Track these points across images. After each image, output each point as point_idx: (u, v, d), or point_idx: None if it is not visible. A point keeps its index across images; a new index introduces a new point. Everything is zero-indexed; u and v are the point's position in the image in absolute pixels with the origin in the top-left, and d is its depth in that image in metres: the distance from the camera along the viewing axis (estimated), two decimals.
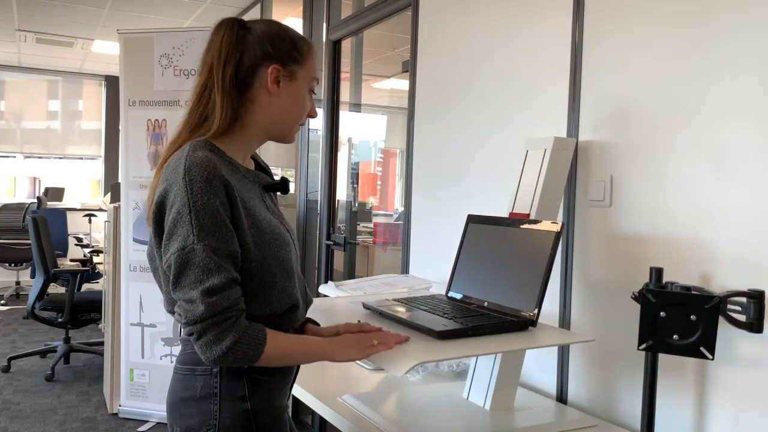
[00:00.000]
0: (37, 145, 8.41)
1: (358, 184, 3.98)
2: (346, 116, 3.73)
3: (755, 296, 1.29)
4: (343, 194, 3.74)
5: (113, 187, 6.00)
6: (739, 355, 1.40)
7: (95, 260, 5.39)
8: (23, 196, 8.37)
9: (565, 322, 1.84)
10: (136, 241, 3.70)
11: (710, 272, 1.46)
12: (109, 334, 3.95)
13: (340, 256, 3.66)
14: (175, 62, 3.60)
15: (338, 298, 1.93)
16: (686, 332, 1.29)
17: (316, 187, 3.77)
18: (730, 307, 1.32)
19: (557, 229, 1.46)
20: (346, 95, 3.73)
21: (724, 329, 1.33)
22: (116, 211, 3.87)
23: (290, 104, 1.31)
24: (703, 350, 1.28)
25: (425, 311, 1.50)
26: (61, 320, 4.49)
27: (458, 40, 2.36)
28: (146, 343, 3.72)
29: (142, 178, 3.68)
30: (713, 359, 1.28)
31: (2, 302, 7.05)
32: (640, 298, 1.34)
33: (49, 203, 7.71)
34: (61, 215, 7.31)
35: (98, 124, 8.64)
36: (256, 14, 4.95)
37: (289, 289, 1.25)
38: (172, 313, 1.22)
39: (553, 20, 1.91)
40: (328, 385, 1.88)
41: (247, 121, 1.29)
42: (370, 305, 1.57)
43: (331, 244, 3.59)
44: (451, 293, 1.69)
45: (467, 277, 1.67)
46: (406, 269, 2.66)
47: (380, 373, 1.99)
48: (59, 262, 5.04)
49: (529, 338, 1.38)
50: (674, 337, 1.30)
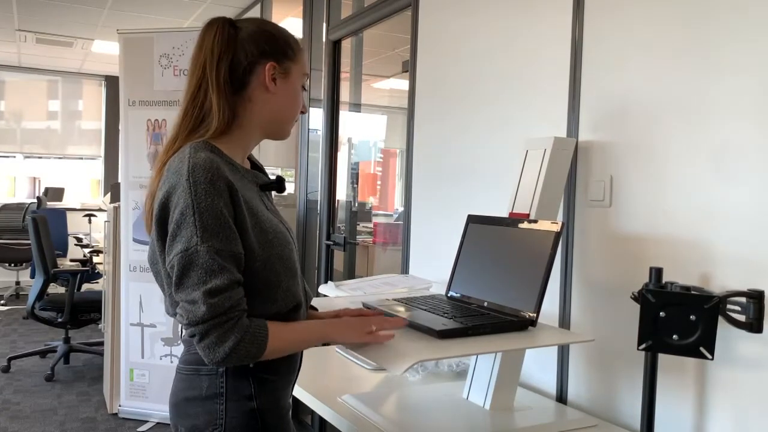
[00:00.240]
0: (37, 145, 8.41)
1: (358, 184, 3.98)
2: (346, 116, 3.73)
3: (755, 296, 1.29)
4: (343, 194, 3.74)
5: (113, 187, 6.00)
6: (738, 355, 1.40)
7: (95, 260, 5.39)
8: (23, 196, 8.37)
9: (565, 322, 1.84)
10: (135, 241, 3.71)
11: (710, 272, 1.46)
12: (108, 334, 3.95)
13: (340, 256, 3.66)
14: (174, 62, 3.61)
15: (338, 298, 1.93)
16: (686, 332, 1.29)
17: (316, 187, 3.77)
18: (729, 307, 1.32)
19: (557, 229, 1.46)
20: (346, 95, 3.73)
21: (723, 329, 1.33)
22: (116, 211, 3.87)
23: (286, 101, 1.32)
24: (702, 350, 1.28)
25: (425, 311, 1.50)
26: (60, 320, 4.49)
27: (458, 40, 2.36)
28: (146, 343, 3.72)
29: (141, 178, 3.68)
30: (713, 359, 1.28)
31: (2, 302, 7.05)
32: (639, 298, 1.34)
33: (49, 203, 7.71)
34: (61, 215, 7.31)
35: (98, 124, 8.64)
36: (255, 14, 4.95)
37: (293, 287, 1.26)
38: (173, 315, 1.22)
39: (553, 20, 1.91)
40: (327, 385, 1.88)
41: (245, 120, 1.29)
42: (370, 305, 1.57)
43: (331, 244, 3.59)
44: (451, 293, 1.69)
45: (467, 277, 1.67)
46: (406, 269, 2.66)
47: (380, 373, 1.99)
48: (59, 262, 5.04)
49: (528, 338, 1.38)
50: (674, 337, 1.30)
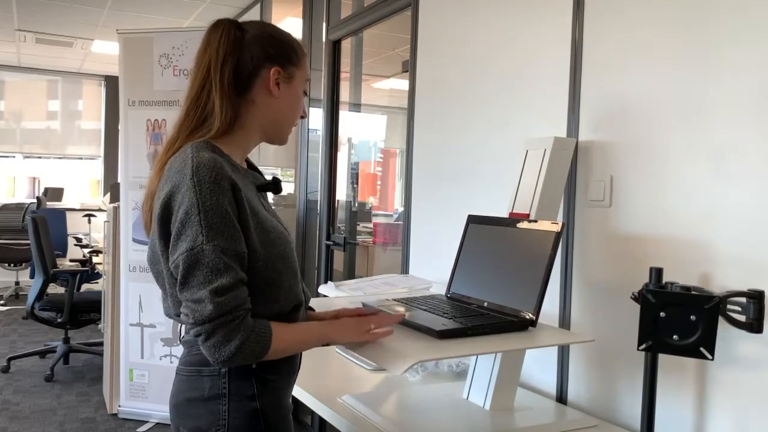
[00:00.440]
0: (36, 145, 8.40)
1: (357, 184, 3.98)
2: (345, 116, 3.73)
3: (755, 296, 1.29)
4: (342, 194, 3.74)
5: (113, 187, 6.00)
6: (739, 355, 1.40)
7: (95, 260, 5.38)
8: (23, 196, 8.36)
9: (565, 322, 1.84)
10: (135, 241, 3.70)
11: (710, 272, 1.45)
12: (108, 334, 3.95)
13: (339, 256, 3.66)
14: (174, 62, 3.60)
15: (338, 298, 1.93)
16: (686, 332, 1.29)
17: (316, 187, 3.77)
18: (729, 307, 1.32)
19: (557, 229, 1.46)
20: (345, 95, 3.73)
21: (723, 329, 1.33)
22: (116, 211, 3.86)
23: (288, 106, 1.33)
24: (702, 350, 1.28)
25: (425, 311, 1.50)
26: (60, 320, 4.49)
27: (458, 40, 2.36)
28: (146, 343, 3.72)
29: (141, 178, 3.67)
30: (713, 359, 1.28)
31: (2, 302, 7.04)
32: (640, 298, 1.34)
33: (48, 203, 7.70)
34: (60, 215, 7.30)
35: (98, 124, 8.64)
36: (255, 14, 4.95)
37: (294, 287, 1.26)
38: (177, 316, 1.21)
39: (553, 20, 1.91)
40: (327, 385, 1.88)
41: (246, 122, 1.29)
42: (369, 305, 1.57)
43: (330, 244, 3.59)
44: (451, 293, 1.69)
45: (467, 277, 1.67)
46: (406, 269, 2.66)
47: (380, 373, 1.99)
48: (59, 262, 5.03)
49: (528, 338, 1.38)
50: (674, 337, 1.30)
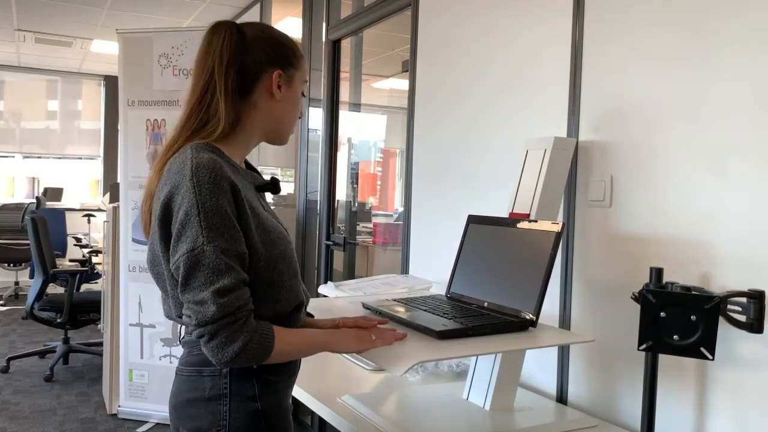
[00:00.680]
0: (36, 145, 8.40)
1: (357, 184, 3.98)
2: (345, 116, 3.73)
3: (755, 296, 1.29)
4: (342, 194, 3.74)
5: (112, 187, 6.00)
6: (739, 355, 1.40)
7: (94, 260, 5.37)
8: (22, 196, 8.35)
9: (565, 322, 1.84)
10: (135, 241, 3.70)
11: (710, 272, 1.45)
12: (108, 334, 3.95)
13: (339, 256, 3.66)
14: (174, 62, 3.60)
15: (338, 298, 1.92)
16: (686, 332, 1.29)
17: (315, 187, 3.76)
18: (730, 307, 1.32)
19: (557, 229, 1.46)
20: (345, 95, 3.73)
21: (724, 329, 1.33)
22: (115, 211, 3.86)
23: (289, 108, 1.34)
24: (703, 350, 1.28)
25: (425, 311, 1.50)
26: (60, 320, 4.48)
27: (458, 40, 2.36)
28: (145, 343, 3.72)
29: (141, 178, 3.67)
30: (713, 359, 1.28)
31: (1, 302, 7.04)
32: (640, 298, 1.34)
33: (48, 203, 7.70)
34: (60, 215, 7.29)
35: (97, 124, 8.63)
36: (255, 14, 4.95)
37: (295, 287, 1.26)
38: (178, 317, 1.21)
39: (553, 20, 1.91)
40: (327, 385, 1.88)
41: (248, 124, 1.30)
42: (369, 305, 1.57)
43: (330, 244, 3.59)
44: (451, 293, 1.69)
45: (467, 277, 1.67)
46: (406, 269, 2.66)
47: (380, 373, 1.99)
48: (58, 262, 5.03)
49: (529, 338, 1.38)
50: (674, 337, 1.30)
